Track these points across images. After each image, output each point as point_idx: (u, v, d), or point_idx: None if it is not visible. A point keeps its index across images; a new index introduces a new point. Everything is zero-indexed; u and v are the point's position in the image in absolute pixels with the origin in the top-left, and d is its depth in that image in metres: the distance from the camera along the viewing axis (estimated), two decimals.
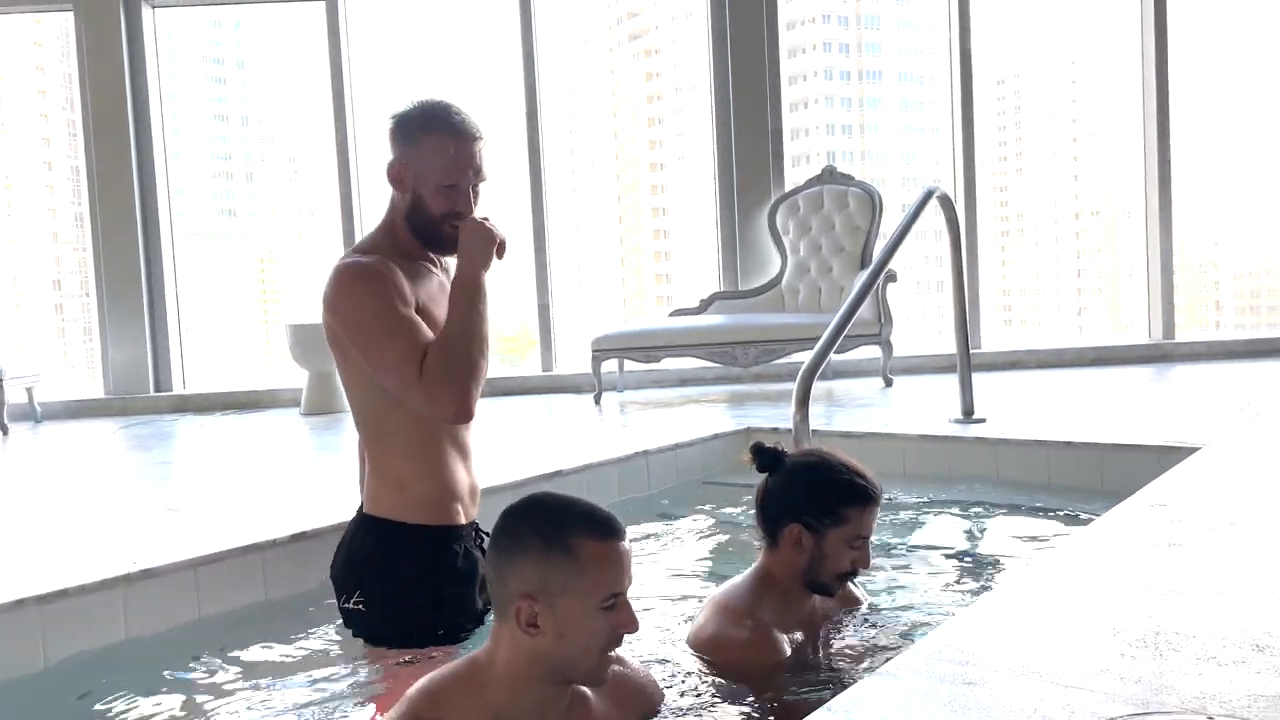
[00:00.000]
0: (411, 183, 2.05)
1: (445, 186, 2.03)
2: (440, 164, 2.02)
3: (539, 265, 6.54)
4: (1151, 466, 2.80)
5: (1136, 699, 1.24)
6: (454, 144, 2.02)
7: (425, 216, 2.06)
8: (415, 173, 2.04)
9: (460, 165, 2.02)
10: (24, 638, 2.01)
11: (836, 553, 1.84)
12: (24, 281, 9.54)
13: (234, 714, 1.85)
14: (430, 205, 2.04)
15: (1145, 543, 1.97)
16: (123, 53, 6.48)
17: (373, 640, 2.06)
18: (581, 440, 4.26)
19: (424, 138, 2.03)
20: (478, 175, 2.06)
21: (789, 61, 6.79)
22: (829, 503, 1.84)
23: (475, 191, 2.07)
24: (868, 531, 1.86)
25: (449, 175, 2.02)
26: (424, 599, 2.03)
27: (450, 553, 2.08)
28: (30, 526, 3.03)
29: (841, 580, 1.90)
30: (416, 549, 2.05)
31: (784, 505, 1.88)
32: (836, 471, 1.87)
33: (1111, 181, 10.24)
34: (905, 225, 3.48)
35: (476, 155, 2.05)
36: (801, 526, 1.84)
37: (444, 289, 2.11)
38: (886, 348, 5.44)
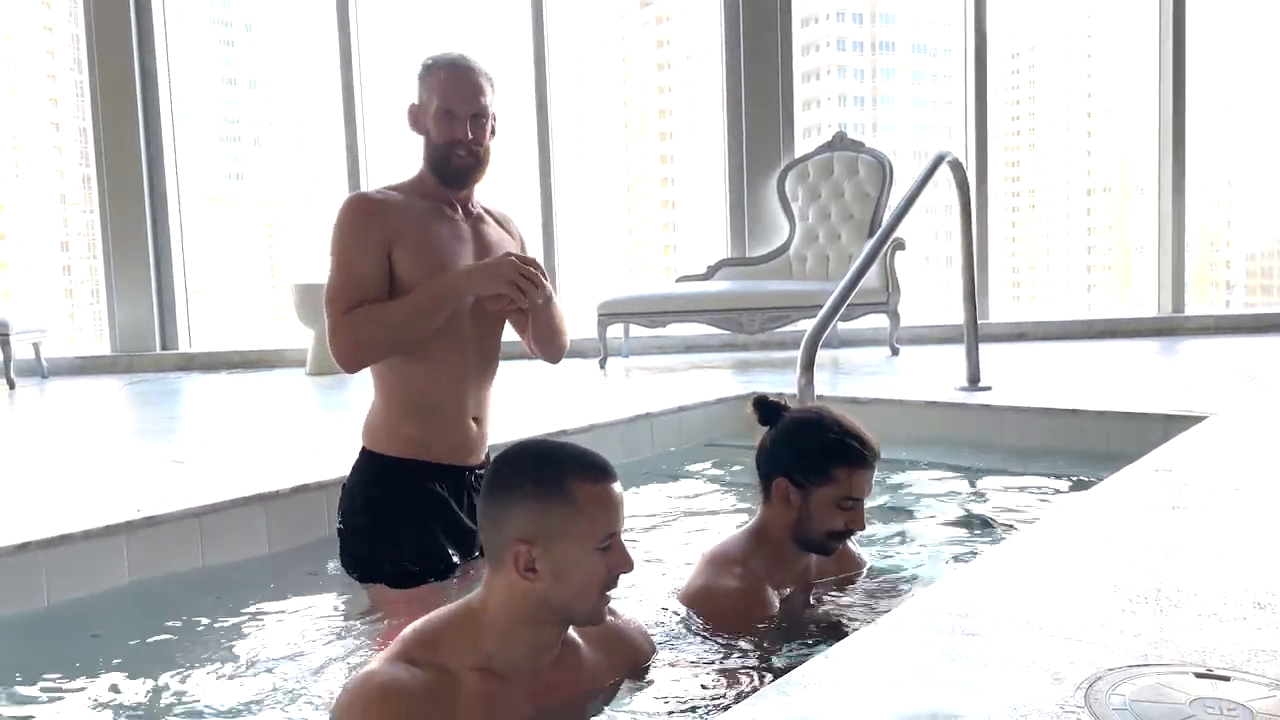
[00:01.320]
0: (420, 117, 2.15)
1: (444, 112, 2.11)
2: (440, 93, 2.12)
3: (545, 232, 6.52)
4: (1157, 434, 2.79)
5: (1136, 652, 1.24)
6: (450, 74, 2.12)
7: (432, 150, 2.14)
8: (422, 107, 2.15)
9: (457, 92, 2.11)
10: (28, 579, 2.02)
11: (825, 511, 1.82)
12: (32, 243, 9.53)
13: (235, 660, 1.86)
14: (433, 135, 2.13)
15: (1148, 505, 1.97)
16: (130, 14, 6.43)
17: (348, 568, 2.15)
18: (586, 403, 4.26)
19: (428, 76, 2.15)
20: (474, 105, 2.12)
21: (801, 31, 6.72)
22: (816, 460, 1.82)
23: (478, 125, 2.12)
24: (858, 493, 1.83)
25: (445, 101, 2.11)
26: (382, 527, 2.11)
27: (416, 488, 2.12)
28: (36, 476, 3.05)
29: (835, 539, 1.87)
30: (384, 478, 2.14)
31: (774, 459, 1.88)
32: (828, 430, 1.84)
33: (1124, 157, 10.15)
34: (916, 188, 3.45)
35: (472, 85, 2.12)
36: (789, 482, 1.83)
37: (459, 233, 2.17)
38: (893, 317, 5.42)
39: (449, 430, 2.16)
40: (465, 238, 2.18)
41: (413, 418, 2.14)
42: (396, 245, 2.08)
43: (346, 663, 1.80)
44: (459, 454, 2.18)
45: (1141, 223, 7.32)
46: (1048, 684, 1.16)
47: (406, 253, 2.09)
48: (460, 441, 2.18)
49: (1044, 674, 1.18)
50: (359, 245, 2.07)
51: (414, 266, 2.08)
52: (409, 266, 2.08)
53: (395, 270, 2.09)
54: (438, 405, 2.15)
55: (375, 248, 2.07)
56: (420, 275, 2.08)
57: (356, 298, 2.05)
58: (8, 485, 2.91)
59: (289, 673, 1.78)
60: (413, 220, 2.11)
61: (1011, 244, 11.02)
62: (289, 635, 1.97)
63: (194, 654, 1.88)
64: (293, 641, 1.93)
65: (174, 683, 1.76)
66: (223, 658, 1.87)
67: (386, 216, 2.09)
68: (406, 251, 2.09)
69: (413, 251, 2.09)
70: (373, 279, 2.06)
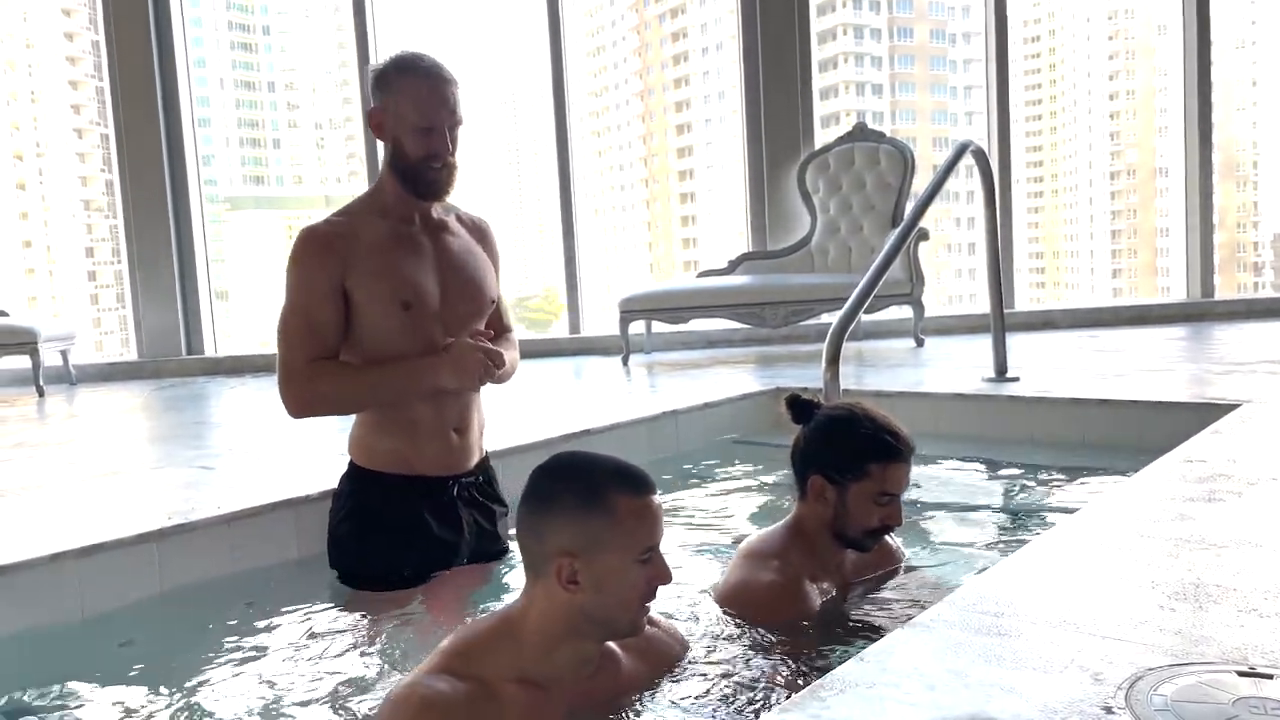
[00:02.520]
0: (391, 128, 2.12)
1: (421, 129, 2.08)
2: (415, 106, 2.09)
3: (566, 228, 6.52)
4: (1191, 424, 2.75)
5: (1176, 650, 1.22)
6: (426, 85, 2.09)
7: (406, 162, 2.12)
8: (393, 118, 2.11)
9: (435, 105, 2.08)
10: (62, 590, 2.04)
11: (861, 507, 1.81)
12: (57, 250, 9.64)
13: (268, 668, 1.87)
14: (409, 149, 2.10)
15: (1184, 497, 1.94)
16: (150, 20, 6.48)
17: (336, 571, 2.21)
18: (609, 401, 4.25)
19: (400, 82, 2.10)
20: (453, 116, 2.10)
21: (818, 19, 6.68)
22: (850, 456, 1.81)
23: (453, 135, 2.11)
24: (894, 488, 1.82)
25: (424, 117, 2.08)
26: (362, 536, 2.17)
27: (395, 502, 2.16)
28: (68, 485, 3.07)
29: (872, 536, 1.86)
30: (365, 491, 2.19)
31: (809, 456, 1.87)
32: (861, 425, 1.84)
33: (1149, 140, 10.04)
34: (939, 179, 3.42)
35: (450, 97, 2.10)
36: (824, 478, 1.83)
37: (418, 248, 2.16)
38: (918, 307, 5.38)
39: (429, 443, 2.17)
40: (425, 252, 2.16)
41: (392, 432, 2.16)
42: (350, 278, 2.09)
43: (380, 668, 1.81)
44: (441, 465, 2.20)
45: (1167, 206, 7.25)
46: (1088, 685, 1.14)
47: (362, 283, 2.09)
48: (441, 453, 2.19)
49: (1083, 674, 1.17)
50: (313, 287, 2.08)
51: (372, 297, 2.09)
52: (366, 296, 2.09)
53: (353, 299, 2.10)
54: (416, 419, 2.16)
55: (329, 288, 2.07)
56: (379, 305, 2.09)
57: (317, 346, 2.07)
58: (40, 494, 2.94)
59: (322, 679, 1.78)
60: (366, 247, 2.10)
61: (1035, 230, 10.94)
62: (321, 641, 1.98)
63: (228, 661, 1.89)
64: (326, 647, 1.94)
65: (208, 691, 1.77)
66: (256, 665, 1.87)
67: (338, 252, 2.08)
68: (362, 282, 2.09)
69: (369, 280, 2.09)
70: (331, 323, 2.08)
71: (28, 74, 9.41)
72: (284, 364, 2.08)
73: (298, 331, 2.08)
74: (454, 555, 2.21)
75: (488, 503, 2.32)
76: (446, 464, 2.20)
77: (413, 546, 2.16)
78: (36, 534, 2.26)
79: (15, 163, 9.50)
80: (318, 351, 2.08)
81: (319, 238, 2.10)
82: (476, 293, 2.23)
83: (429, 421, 2.17)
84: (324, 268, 2.08)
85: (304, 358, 2.07)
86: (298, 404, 2.10)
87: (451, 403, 2.20)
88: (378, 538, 2.17)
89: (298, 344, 2.07)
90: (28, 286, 9.63)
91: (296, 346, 2.07)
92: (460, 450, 2.23)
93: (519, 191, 9.91)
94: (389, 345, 2.12)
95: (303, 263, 2.09)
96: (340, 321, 2.09)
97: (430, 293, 2.15)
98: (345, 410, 2.18)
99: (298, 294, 2.09)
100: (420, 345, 2.13)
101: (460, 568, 2.23)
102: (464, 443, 2.23)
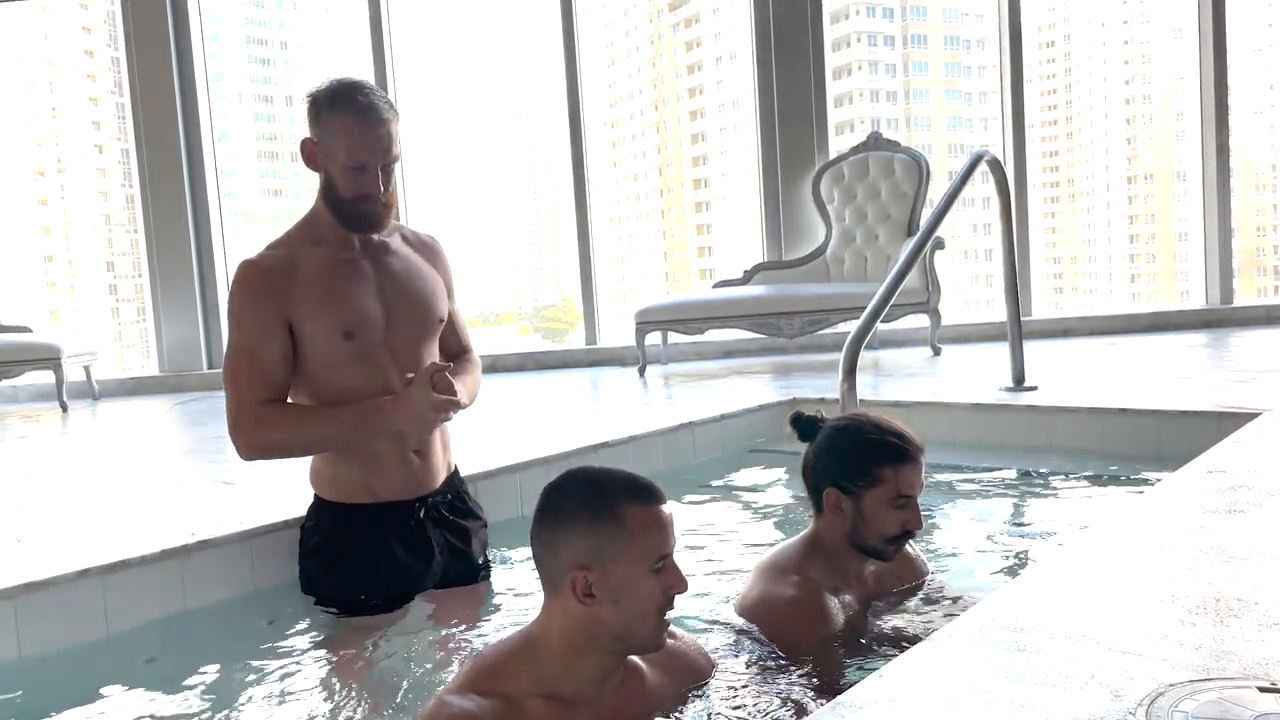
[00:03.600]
0: (323, 162, 2.07)
1: (352, 168, 2.03)
2: (345, 146, 2.02)
3: (581, 239, 6.54)
4: (1210, 433, 2.74)
5: (1197, 665, 1.22)
6: (358, 125, 2.01)
7: (336, 197, 2.07)
8: (325, 152, 2.06)
9: (366, 146, 2.01)
10: (88, 607, 2.06)
11: (878, 514, 1.81)
12: (79, 264, 9.74)
13: (287, 684, 1.88)
14: (340, 187, 2.06)
15: (1204, 509, 1.93)
16: (169, 35, 6.55)
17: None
18: (626, 412, 4.26)
19: (331, 117, 2.03)
20: (386, 155, 2.03)
21: (832, 27, 6.69)
22: (860, 463, 1.82)
23: (386, 172, 2.05)
24: (908, 490, 1.81)
25: (354, 156, 2.02)
26: (328, 569, 2.18)
27: (356, 533, 2.15)
28: (92, 501, 3.11)
29: (893, 544, 1.85)
30: (329, 524, 2.19)
31: (820, 471, 1.87)
32: (867, 431, 1.84)
33: (1166, 144, 9.98)
34: (954, 190, 3.42)
35: (384, 137, 2.02)
36: (837, 490, 1.83)
37: (359, 273, 2.11)
38: (934, 316, 5.37)
39: (388, 469, 2.15)
40: (366, 275, 2.12)
41: (349, 461, 2.14)
42: (292, 312, 2.05)
43: (403, 685, 1.82)
44: (403, 489, 2.17)
45: (1185, 211, 7.21)
46: (1108, 701, 1.14)
47: (304, 315, 2.06)
48: (404, 478, 2.17)
49: (1104, 691, 1.17)
50: (257, 326, 2.04)
51: (318, 328, 2.06)
52: (311, 330, 2.06)
53: (297, 333, 2.06)
54: (375, 447, 2.12)
55: (274, 323, 2.04)
56: (322, 336, 2.06)
57: (264, 385, 2.03)
58: (65, 511, 2.97)
59: (347, 696, 1.80)
60: (306, 277, 2.06)
61: (1052, 235, 10.89)
62: (342, 657, 2.00)
63: (250, 679, 1.91)
64: (349, 663, 1.96)
65: (231, 708, 1.79)
66: (277, 683, 1.89)
67: (278, 287, 2.04)
68: (304, 313, 2.05)
69: (311, 311, 2.05)
70: (277, 359, 2.04)
71: (49, 90, 9.52)
72: (232, 407, 2.03)
73: (245, 372, 2.03)
74: (421, 581, 2.19)
75: (459, 519, 2.28)
76: (410, 487, 2.18)
77: (377, 576, 2.14)
78: (63, 550, 2.29)
79: (37, 178, 9.61)
80: (265, 392, 2.04)
81: (259, 273, 2.06)
82: (424, 314, 2.18)
83: (387, 448, 2.13)
84: (266, 304, 2.04)
85: (253, 400, 2.03)
86: (247, 449, 2.06)
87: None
88: (342, 569, 2.16)
89: (245, 384, 2.03)
90: (50, 301, 9.72)
91: (244, 387, 2.03)
92: (423, 472, 2.19)
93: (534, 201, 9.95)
94: (336, 377, 2.09)
95: (244, 300, 2.05)
96: (287, 357, 2.06)
97: (374, 319, 2.11)
98: (296, 455, 2.14)
99: (242, 333, 2.05)
100: (368, 374, 2.09)
101: (452, 591, 2.22)
102: (426, 464, 2.20)
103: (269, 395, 2.05)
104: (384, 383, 2.11)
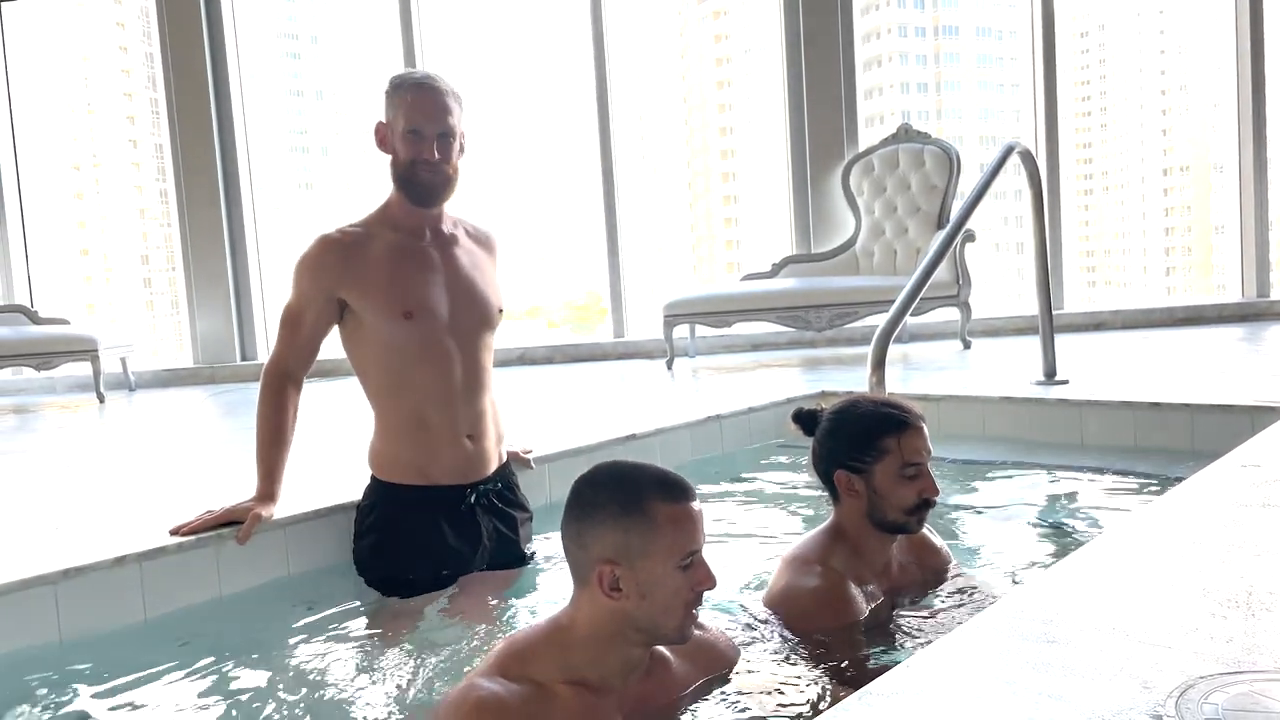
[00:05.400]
0: (390, 140, 2.20)
1: (408, 132, 2.16)
2: (404, 114, 2.16)
3: (609, 232, 6.55)
4: (1244, 427, 2.71)
5: (1227, 659, 1.21)
6: (416, 94, 2.17)
7: (399, 169, 2.20)
8: (389, 129, 2.20)
9: (423, 112, 2.15)
10: (126, 591, 2.10)
11: (891, 486, 1.81)
12: (114, 258, 9.89)
13: (322, 667, 1.91)
14: (399, 154, 2.18)
15: (1237, 503, 1.91)
16: (202, 30, 6.62)
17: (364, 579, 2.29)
18: (654, 405, 4.27)
19: (395, 96, 2.19)
20: (442, 123, 2.16)
21: (862, 19, 6.64)
22: (862, 439, 1.83)
23: (445, 143, 2.17)
24: (915, 456, 1.81)
25: (411, 120, 2.15)
26: (383, 548, 2.24)
27: (413, 514, 2.22)
28: (130, 489, 3.16)
29: (915, 514, 1.84)
30: (384, 504, 2.26)
31: (827, 457, 1.89)
32: (861, 407, 1.88)
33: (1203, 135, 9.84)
34: (985, 182, 3.39)
35: (440, 105, 2.16)
36: (847, 472, 1.84)
37: (427, 262, 2.24)
38: (964, 309, 5.33)
39: (443, 452, 2.23)
40: (435, 266, 2.24)
41: (406, 442, 2.23)
42: (349, 290, 2.18)
43: (436, 667, 1.84)
44: (457, 474, 2.25)
45: (1222, 203, 7.10)
46: (1137, 693, 1.13)
47: (358, 294, 2.18)
48: (457, 461, 2.25)
49: (1133, 683, 1.16)
50: (304, 292, 2.21)
51: (370, 308, 2.19)
52: (370, 307, 2.18)
53: (355, 310, 2.20)
54: (429, 428, 2.22)
55: (320, 298, 2.20)
56: (380, 315, 2.19)
57: (299, 345, 2.23)
58: (104, 499, 3.02)
59: (377, 680, 1.82)
60: (371, 259, 2.19)
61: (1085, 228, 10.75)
62: (375, 642, 2.02)
63: (285, 663, 1.94)
64: (382, 647, 1.98)
65: (264, 691, 1.82)
66: (311, 665, 1.92)
67: (333, 266, 2.19)
68: (358, 293, 2.18)
69: (366, 292, 2.18)
70: (313, 328, 2.23)
71: (84, 86, 9.65)
72: (273, 351, 2.27)
73: (286, 327, 2.24)
74: (468, 564, 2.26)
75: (508, 509, 2.36)
76: (463, 472, 2.26)
77: (426, 555, 2.21)
78: (101, 537, 2.33)
79: (73, 173, 9.75)
80: (298, 351, 2.24)
81: (323, 248, 2.22)
82: (485, 306, 2.30)
83: (442, 428, 2.23)
84: (316, 278, 2.20)
85: (284, 359, 2.24)
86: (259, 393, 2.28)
87: (463, 409, 2.25)
88: (393, 549, 2.24)
89: (282, 340, 2.24)
90: (86, 294, 9.86)
91: (281, 342, 2.24)
92: (476, 457, 2.28)
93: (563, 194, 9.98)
94: (398, 353, 2.21)
95: (302, 269, 2.22)
96: (322, 329, 2.24)
97: (438, 305, 2.22)
98: None
99: (294, 295, 2.24)
100: (432, 359, 2.21)
101: (485, 573, 2.27)
102: (479, 449, 2.28)
103: (292, 358, 2.25)
104: (447, 371, 2.22)
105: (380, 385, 2.26)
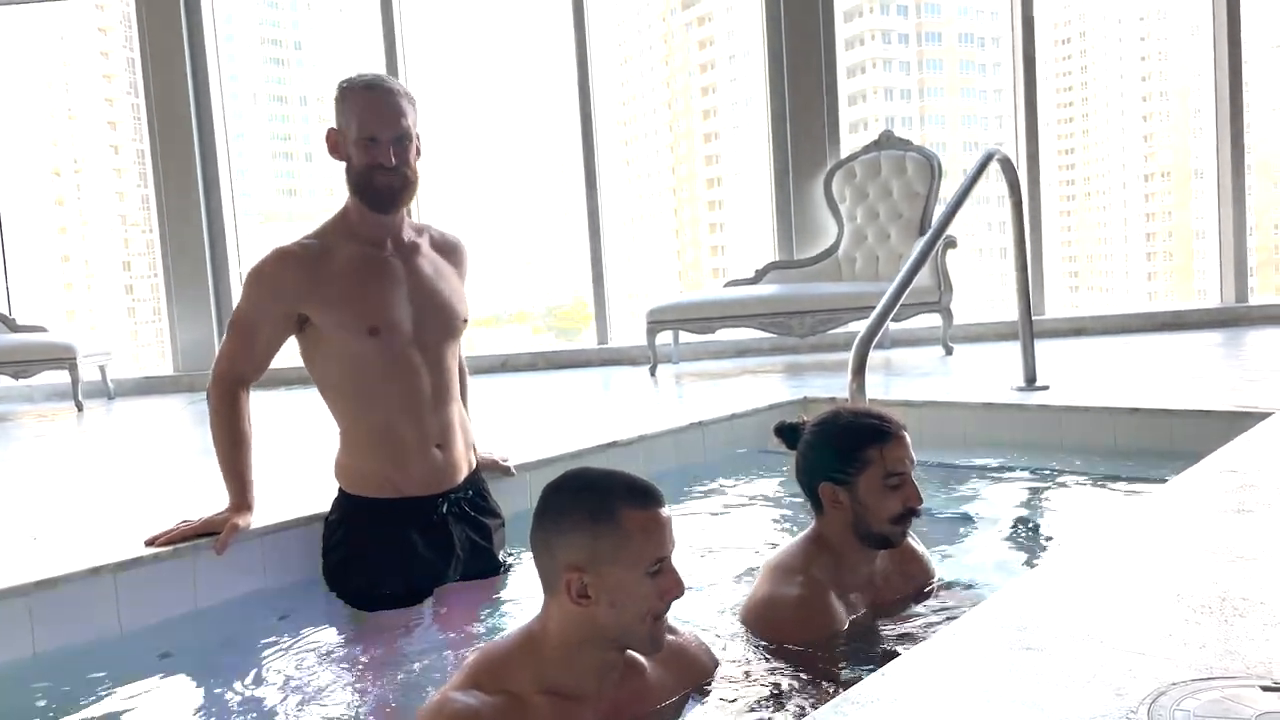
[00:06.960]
0: (343, 146, 2.15)
1: (363, 139, 2.10)
2: (357, 120, 2.11)
3: (593, 237, 6.55)
4: (1221, 432, 2.72)
5: (1201, 664, 1.22)
6: (367, 98, 2.11)
7: (354, 176, 2.15)
8: (341, 135, 2.15)
9: (376, 117, 2.10)
10: (101, 604, 2.08)
11: (875, 497, 1.81)
12: (95, 264, 9.82)
13: (299, 678, 1.90)
14: (355, 161, 2.13)
15: (1213, 509, 1.92)
16: (183, 36, 6.59)
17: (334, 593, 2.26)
18: (637, 412, 4.27)
19: (345, 101, 2.14)
20: (396, 128, 2.11)
21: (845, 25, 6.67)
22: (845, 451, 1.83)
23: (400, 147, 2.11)
24: (898, 466, 1.82)
25: (365, 126, 2.10)
26: (352, 563, 2.21)
27: (381, 528, 2.19)
28: (106, 499, 3.13)
29: (898, 525, 1.85)
30: (352, 518, 2.22)
31: (810, 469, 1.89)
32: (842, 418, 1.88)
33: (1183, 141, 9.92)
34: (964, 189, 3.41)
35: (393, 109, 2.11)
36: (831, 484, 1.84)
37: (389, 273, 2.18)
38: (946, 315, 5.35)
39: (413, 464, 2.19)
40: (399, 278, 2.19)
41: (374, 455, 2.19)
42: (311, 307, 2.13)
43: (412, 680, 1.83)
44: (427, 485, 2.22)
45: (1202, 209, 7.15)
46: (1110, 699, 1.14)
47: (327, 313, 2.13)
48: (426, 472, 2.21)
49: (1106, 689, 1.16)
50: (261, 306, 2.15)
51: (332, 324, 2.13)
52: (332, 323, 2.13)
53: (317, 325, 2.14)
54: (397, 441, 2.18)
55: (277, 314, 2.14)
56: (343, 331, 2.13)
57: (247, 358, 2.17)
58: (80, 508, 3.00)
59: (353, 692, 1.81)
60: (332, 273, 2.13)
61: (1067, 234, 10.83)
62: (355, 653, 2.01)
63: (262, 674, 1.92)
64: (358, 658, 1.97)
65: (242, 703, 1.80)
66: (288, 677, 1.90)
67: (294, 282, 2.13)
68: (320, 309, 2.13)
69: (329, 307, 2.13)
70: (265, 343, 2.16)
71: (65, 91, 9.59)
72: (218, 361, 2.20)
73: (239, 337, 2.17)
74: (441, 575, 2.23)
75: (480, 516, 2.33)
76: (433, 482, 2.23)
77: (397, 569, 2.18)
78: (77, 547, 2.31)
79: (53, 178, 9.68)
80: (254, 362, 2.19)
81: (282, 263, 2.14)
82: (450, 316, 2.26)
83: (410, 440, 2.19)
84: (276, 295, 2.14)
85: (237, 368, 2.18)
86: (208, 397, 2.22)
87: (431, 420, 2.22)
88: (361, 563, 2.20)
89: (232, 348, 2.18)
90: (66, 300, 9.78)
91: (231, 349, 2.18)
92: (445, 466, 2.24)
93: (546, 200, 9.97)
94: (363, 368, 2.16)
95: (258, 282, 2.15)
96: (278, 342, 2.18)
97: (403, 318, 2.18)
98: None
99: (247, 306, 2.18)
100: (399, 374, 2.16)
101: (462, 584, 2.25)
102: (448, 458, 2.25)
103: (247, 367, 2.19)
104: (413, 384, 2.18)
105: (345, 399, 2.21)
